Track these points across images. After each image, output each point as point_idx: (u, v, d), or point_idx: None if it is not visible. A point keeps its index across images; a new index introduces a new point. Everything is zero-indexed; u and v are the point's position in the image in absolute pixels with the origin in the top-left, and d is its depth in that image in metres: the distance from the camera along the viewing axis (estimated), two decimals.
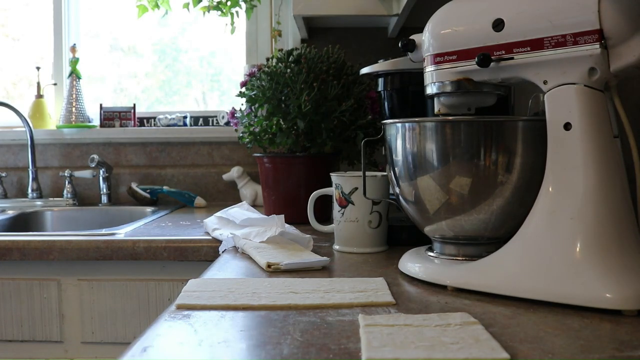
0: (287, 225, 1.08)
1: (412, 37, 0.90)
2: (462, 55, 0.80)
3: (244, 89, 1.44)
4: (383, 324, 0.61)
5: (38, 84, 2.07)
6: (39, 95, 2.08)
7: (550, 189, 0.73)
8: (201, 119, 2.10)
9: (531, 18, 0.74)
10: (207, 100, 2.28)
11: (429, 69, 0.85)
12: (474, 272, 0.77)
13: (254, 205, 1.79)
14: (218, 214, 1.34)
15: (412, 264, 0.86)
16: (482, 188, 0.78)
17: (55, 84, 2.13)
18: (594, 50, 0.70)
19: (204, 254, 1.24)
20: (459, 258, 0.84)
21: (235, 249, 1.09)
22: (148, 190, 1.94)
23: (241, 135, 1.48)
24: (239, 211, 1.30)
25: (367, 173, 0.99)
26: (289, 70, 1.34)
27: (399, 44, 0.91)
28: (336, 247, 1.08)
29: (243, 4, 1.86)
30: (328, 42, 1.51)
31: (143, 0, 1.93)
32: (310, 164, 1.40)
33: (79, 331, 1.30)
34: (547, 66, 0.73)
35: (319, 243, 1.12)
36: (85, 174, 1.95)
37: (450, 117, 0.82)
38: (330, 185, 1.08)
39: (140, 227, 1.45)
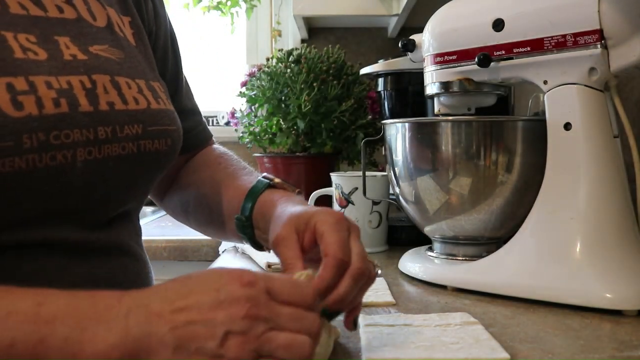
0: None
1: (412, 37, 0.90)
2: (462, 55, 0.80)
3: (244, 89, 1.44)
4: (383, 324, 0.61)
5: None
6: None
7: (550, 189, 0.73)
8: None
9: (531, 18, 0.74)
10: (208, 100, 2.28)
11: (429, 69, 0.85)
12: (474, 272, 0.77)
13: None
14: None
15: (412, 264, 0.86)
16: (482, 188, 0.78)
17: None
18: (594, 50, 0.70)
19: (204, 254, 1.24)
20: (459, 258, 0.84)
21: (235, 248, 1.09)
22: None
23: (241, 135, 1.48)
24: None
25: (367, 173, 0.99)
26: (289, 70, 1.34)
27: (399, 44, 0.91)
28: None
29: (243, 4, 1.86)
30: (328, 42, 1.51)
31: None
32: (310, 164, 1.39)
33: None
34: (547, 66, 0.73)
35: None
36: None
37: (450, 117, 0.82)
38: (330, 185, 1.08)
39: None
